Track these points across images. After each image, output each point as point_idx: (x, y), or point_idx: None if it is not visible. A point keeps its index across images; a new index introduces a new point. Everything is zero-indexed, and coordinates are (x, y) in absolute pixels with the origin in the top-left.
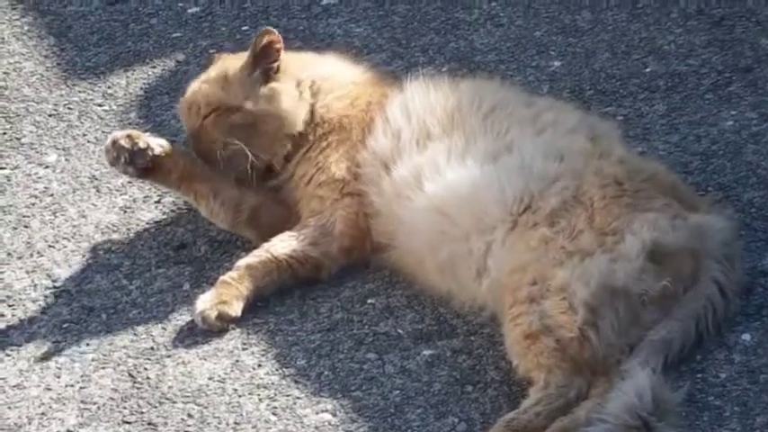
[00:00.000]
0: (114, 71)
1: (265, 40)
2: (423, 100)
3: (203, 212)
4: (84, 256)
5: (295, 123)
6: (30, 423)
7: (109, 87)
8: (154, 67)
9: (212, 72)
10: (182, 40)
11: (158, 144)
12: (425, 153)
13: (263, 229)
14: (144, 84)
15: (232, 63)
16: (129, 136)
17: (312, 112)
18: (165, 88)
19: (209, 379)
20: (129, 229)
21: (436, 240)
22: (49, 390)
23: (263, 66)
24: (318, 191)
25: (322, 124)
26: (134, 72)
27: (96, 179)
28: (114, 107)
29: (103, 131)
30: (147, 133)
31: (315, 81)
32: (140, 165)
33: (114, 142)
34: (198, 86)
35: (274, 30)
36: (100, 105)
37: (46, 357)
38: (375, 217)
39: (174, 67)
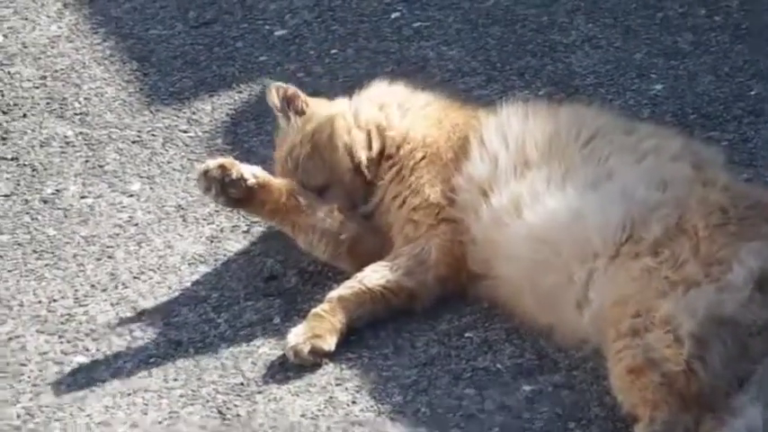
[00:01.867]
0: (199, 96)
1: (287, 93)
2: (520, 125)
3: (301, 244)
4: (170, 288)
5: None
6: None
7: (194, 113)
8: (240, 91)
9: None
10: (268, 63)
11: (252, 174)
12: (524, 180)
13: (361, 260)
14: (230, 109)
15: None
16: (221, 166)
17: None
18: (251, 114)
19: (302, 416)
20: (216, 260)
21: (536, 270)
22: (136, 427)
23: (292, 110)
24: (413, 215)
25: (407, 143)
26: (219, 97)
27: (182, 208)
28: (200, 133)
29: (189, 158)
30: (244, 164)
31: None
32: (233, 195)
33: (206, 173)
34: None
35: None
36: (185, 132)
37: (132, 393)
38: (471, 245)
39: (260, 91)
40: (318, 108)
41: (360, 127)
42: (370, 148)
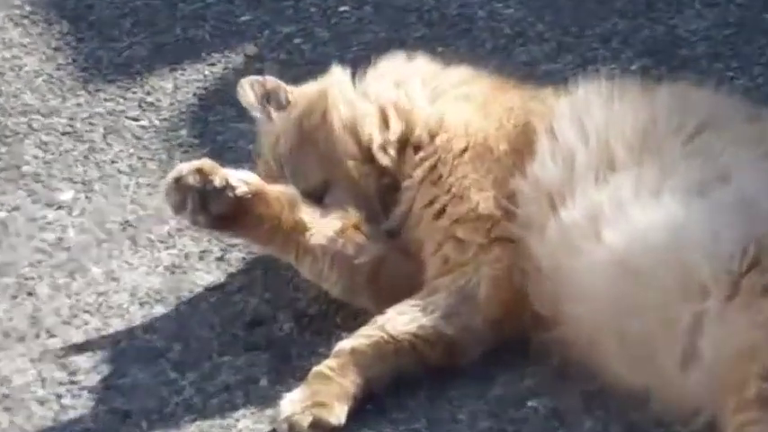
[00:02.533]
0: (156, 70)
1: (253, 92)
2: (603, 112)
3: (307, 274)
4: (114, 337)
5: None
6: None
7: (148, 93)
8: (212, 63)
9: None
10: (252, 25)
11: (242, 180)
12: (606, 187)
13: (386, 294)
14: (198, 88)
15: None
16: (200, 171)
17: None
18: (228, 95)
19: None
20: (179, 299)
21: (622, 311)
22: None
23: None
24: (455, 230)
25: (442, 131)
26: (184, 72)
27: (131, 225)
28: (156, 122)
29: (140, 157)
30: (233, 170)
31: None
32: (217, 211)
33: (178, 180)
34: None
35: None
36: (135, 119)
37: None
38: (536, 276)
39: (241, 63)
40: (306, 89)
41: (368, 100)
42: (386, 127)
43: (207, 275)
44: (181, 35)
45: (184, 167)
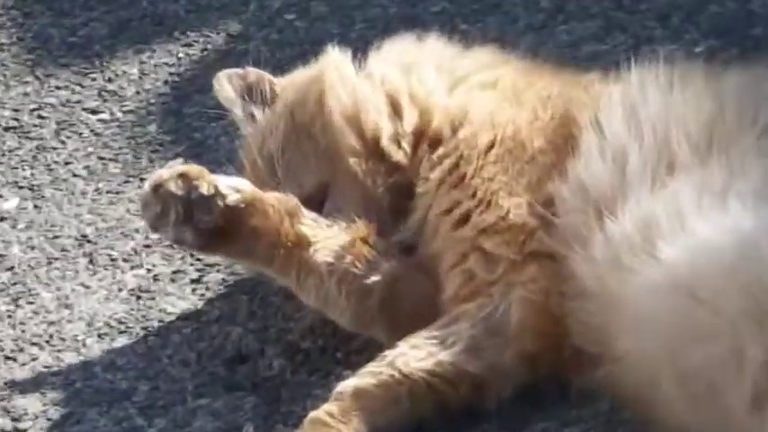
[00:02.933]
0: (118, 52)
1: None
2: (661, 102)
3: (311, 301)
4: (68, 375)
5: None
6: None
7: (109, 80)
8: (188, 44)
9: None
10: None
11: (233, 187)
12: (664, 192)
13: (401, 321)
14: (171, 74)
15: None
16: (183, 176)
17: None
18: (207, 81)
19: None
20: (146, 329)
21: (682, 343)
22: None
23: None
24: (480, 241)
25: (464, 124)
26: (153, 54)
27: (89, 241)
28: (119, 114)
29: (101, 157)
30: (223, 176)
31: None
32: (205, 224)
33: (158, 188)
34: None
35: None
36: (94, 112)
37: None
38: (577, 301)
39: (222, 44)
40: (296, 76)
41: (373, 85)
42: (399, 118)
43: (180, 301)
44: (149, 9)
45: (165, 173)
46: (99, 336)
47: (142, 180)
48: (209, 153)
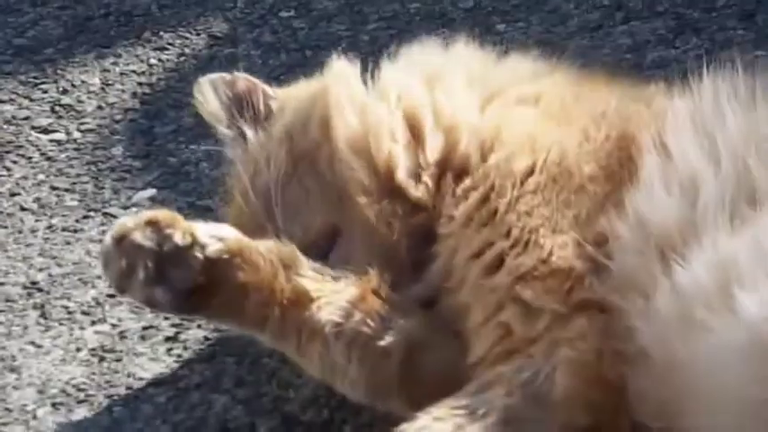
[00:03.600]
0: (76, 57)
1: (216, 94)
2: (742, 121)
3: (316, 371)
4: None
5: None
6: None
7: (65, 92)
8: (161, 48)
9: None
10: None
11: (214, 236)
12: (745, 231)
13: (424, 390)
14: (141, 84)
15: None
16: (152, 223)
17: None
18: (184, 93)
19: None
20: (111, 398)
21: (765, 420)
22: None
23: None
24: (519, 290)
25: (498, 147)
26: (118, 59)
27: (40, 289)
28: (77, 135)
29: (55, 187)
30: (202, 222)
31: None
32: (182, 283)
33: (122, 239)
34: None
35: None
36: (46, 131)
37: None
38: (638, 365)
39: (204, 47)
40: (297, 90)
41: (388, 104)
42: (419, 146)
43: (152, 363)
44: (113, 4)
45: (130, 221)
46: (53, 405)
47: (105, 215)
48: (186, 182)
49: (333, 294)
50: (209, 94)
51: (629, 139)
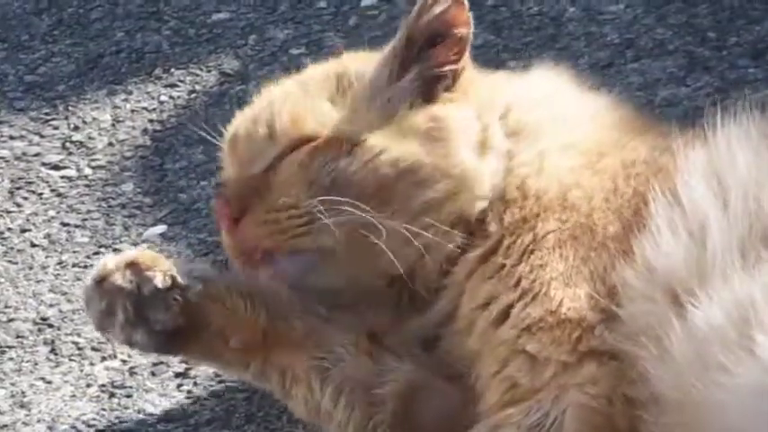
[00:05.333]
0: (87, 94)
1: (441, 10)
2: (753, 162)
3: (299, 411)
4: None
5: (477, 193)
6: None
7: (76, 128)
8: (172, 84)
9: (312, 74)
10: (231, 27)
11: (196, 277)
12: (759, 271)
13: None
14: (152, 121)
15: (357, 62)
16: (132, 264)
17: (508, 176)
18: (195, 129)
19: None
20: None
21: None
22: None
23: (426, 68)
24: (526, 342)
25: (522, 200)
26: (129, 96)
27: (50, 325)
28: (88, 171)
29: (65, 223)
30: (183, 261)
31: (513, 113)
32: (162, 326)
33: (102, 281)
34: (271, 99)
35: None
36: (57, 168)
37: None
38: (651, 410)
39: (215, 84)
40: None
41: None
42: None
43: (163, 399)
44: (124, 41)
45: (110, 262)
46: None
47: (116, 251)
48: (197, 219)
49: (321, 336)
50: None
51: (646, 189)
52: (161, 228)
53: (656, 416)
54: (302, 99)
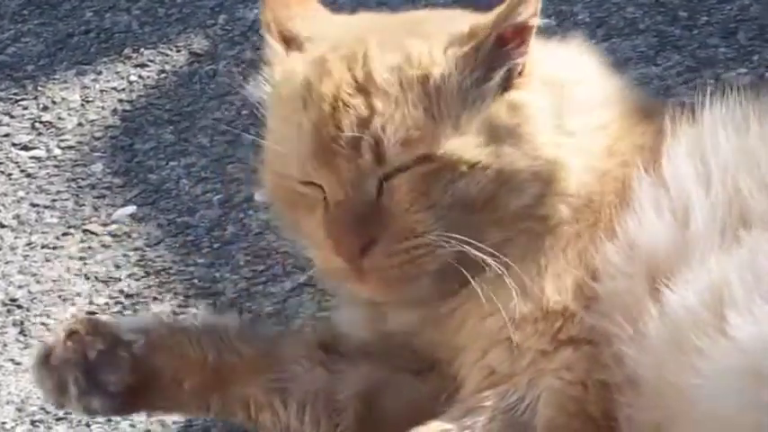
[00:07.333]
0: (56, 74)
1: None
2: (734, 144)
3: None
4: None
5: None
6: None
7: (45, 109)
8: (142, 64)
9: (385, 75)
10: (201, 6)
11: (137, 330)
12: (736, 252)
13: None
14: (122, 101)
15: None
16: (71, 334)
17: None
18: (165, 109)
19: None
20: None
21: None
22: None
23: (503, 58)
24: (509, 333)
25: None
26: (99, 76)
27: (19, 306)
28: (57, 151)
29: (34, 204)
30: (123, 317)
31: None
32: (115, 387)
33: (46, 359)
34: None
35: None
36: (26, 148)
37: None
38: (627, 394)
39: (184, 63)
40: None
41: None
42: None
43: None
44: (93, 21)
45: (50, 338)
46: (32, 423)
47: (85, 232)
48: (167, 199)
49: (272, 357)
50: None
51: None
52: (131, 208)
53: (633, 399)
54: (401, 113)
